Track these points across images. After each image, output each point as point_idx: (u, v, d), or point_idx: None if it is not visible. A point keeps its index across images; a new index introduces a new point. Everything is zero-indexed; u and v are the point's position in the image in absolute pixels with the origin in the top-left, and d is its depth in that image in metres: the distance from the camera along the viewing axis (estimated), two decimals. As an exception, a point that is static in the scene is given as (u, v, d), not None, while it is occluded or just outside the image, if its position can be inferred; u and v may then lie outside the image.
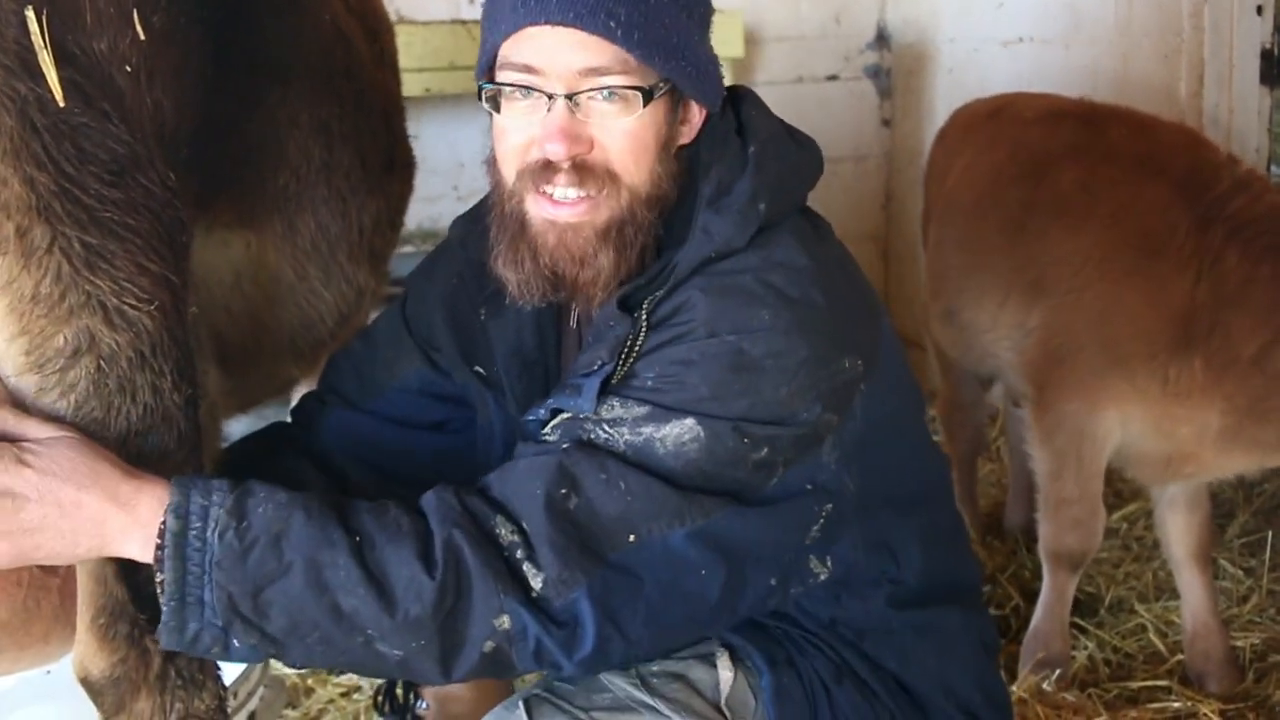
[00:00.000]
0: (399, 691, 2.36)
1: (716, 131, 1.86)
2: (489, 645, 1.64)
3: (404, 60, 3.25)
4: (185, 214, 1.68)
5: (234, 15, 1.88)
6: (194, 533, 1.58)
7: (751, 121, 1.88)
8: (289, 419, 2.27)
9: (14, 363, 1.58)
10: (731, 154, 1.84)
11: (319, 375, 2.37)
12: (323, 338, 2.35)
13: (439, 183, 4.24)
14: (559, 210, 1.77)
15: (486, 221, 1.90)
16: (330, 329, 2.34)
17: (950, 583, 2.09)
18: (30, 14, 1.51)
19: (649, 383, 1.74)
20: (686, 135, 1.84)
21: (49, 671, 2.29)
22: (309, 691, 3.14)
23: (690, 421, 1.71)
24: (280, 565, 1.59)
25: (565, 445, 1.72)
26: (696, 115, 1.85)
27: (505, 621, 1.63)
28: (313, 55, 2.16)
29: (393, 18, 4.28)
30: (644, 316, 1.78)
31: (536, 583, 1.64)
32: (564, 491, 1.67)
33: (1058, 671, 3.11)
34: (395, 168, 2.48)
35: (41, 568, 1.68)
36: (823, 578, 1.89)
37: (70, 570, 1.69)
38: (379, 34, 2.56)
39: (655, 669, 1.89)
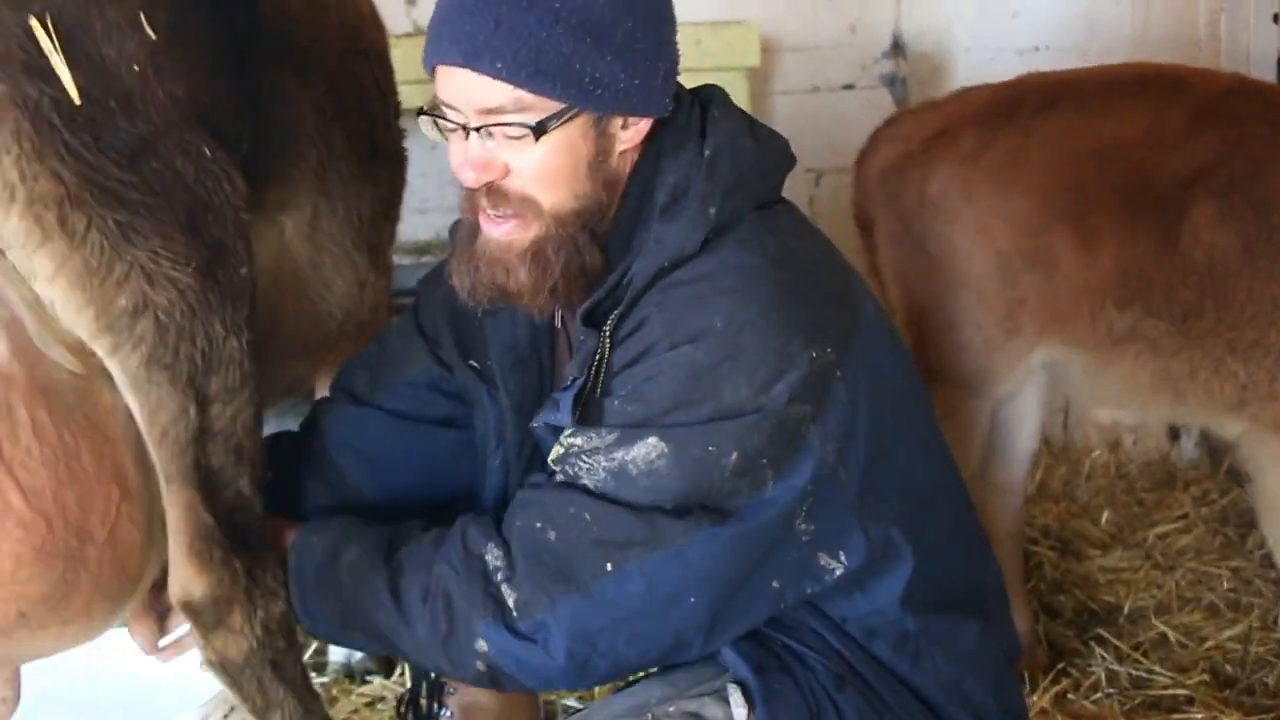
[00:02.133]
0: (422, 701, 2.37)
1: (679, 134, 1.93)
2: (480, 664, 1.85)
3: (422, 71, 3.26)
4: (211, 184, 1.84)
5: (232, 7, 1.99)
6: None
7: (714, 122, 1.94)
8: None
9: (89, 328, 1.77)
10: (688, 158, 1.91)
11: (327, 379, 2.42)
12: (330, 333, 2.44)
13: (448, 194, 4.25)
14: (490, 228, 1.90)
15: None
16: (338, 323, 2.44)
17: (970, 587, 2.09)
18: (35, 23, 1.67)
19: (616, 404, 1.84)
20: (629, 141, 1.91)
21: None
22: (333, 701, 3.14)
23: (654, 439, 1.80)
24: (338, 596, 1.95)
25: (545, 483, 1.88)
26: (639, 123, 1.90)
27: (483, 644, 1.83)
28: (299, 39, 2.26)
29: (410, 29, 4.32)
30: (607, 332, 1.86)
31: (511, 602, 1.82)
32: (539, 525, 1.84)
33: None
34: (380, 154, 2.54)
35: (77, 538, 1.76)
36: (838, 573, 1.91)
37: (107, 538, 1.80)
38: (360, 29, 2.60)
39: (671, 709, 1.94)
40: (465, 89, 1.82)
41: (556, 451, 1.88)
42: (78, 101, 1.69)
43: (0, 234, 1.69)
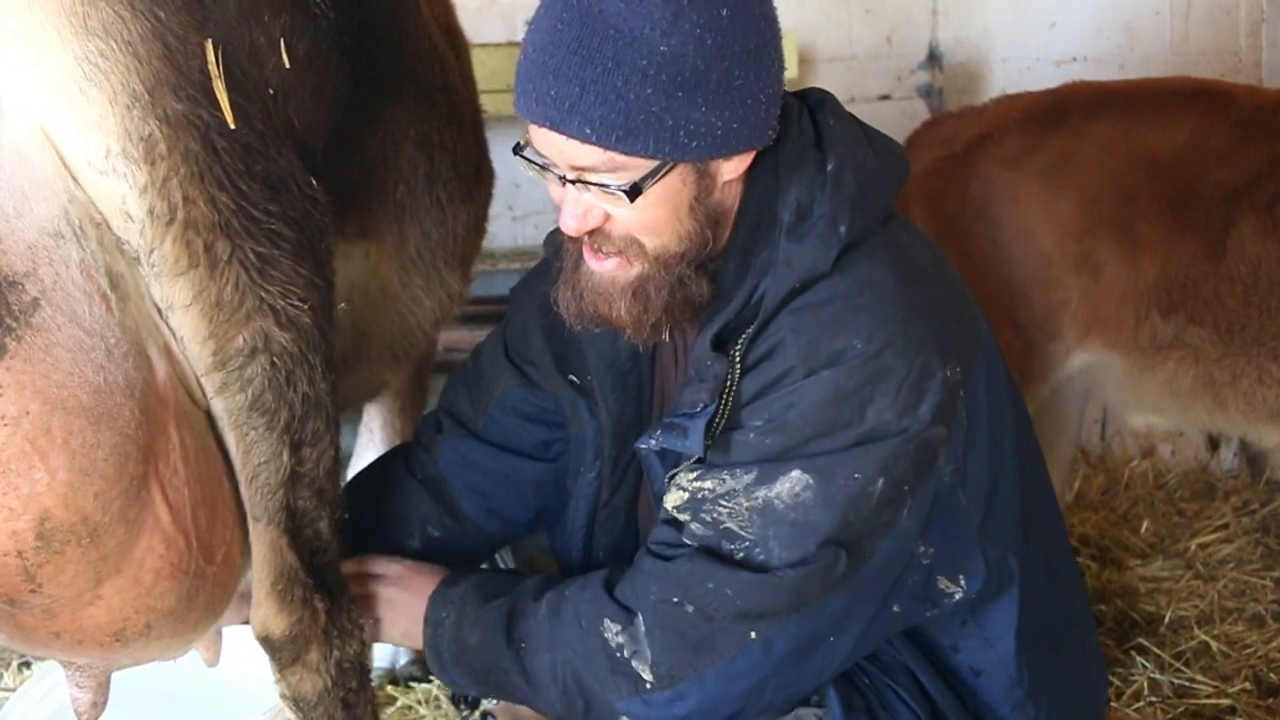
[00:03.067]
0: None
1: (794, 148, 1.85)
2: None
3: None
4: (324, 221, 1.81)
5: (361, 39, 1.98)
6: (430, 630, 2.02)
7: (829, 132, 1.87)
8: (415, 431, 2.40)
9: (204, 363, 1.74)
10: (809, 172, 1.83)
11: (403, 378, 2.43)
12: (418, 343, 2.46)
13: (494, 203, 4.27)
14: (593, 262, 1.85)
15: None
16: (426, 334, 2.43)
17: (1070, 618, 2.07)
18: (209, 44, 1.64)
19: (751, 437, 1.78)
20: (733, 172, 1.83)
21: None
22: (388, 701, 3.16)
23: (797, 472, 1.76)
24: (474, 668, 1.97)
25: (683, 550, 1.82)
26: (740, 156, 1.82)
27: (624, 719, 1.83)
28: (416, 72, 2.26)
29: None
30: (738, 356, 1.81)
31: (646, 675, 1.80)
32: (675, 599, 1.80)
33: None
34: (481, 177, 2.55)
35: (204, 557, 1.78)
36: (958, 597, 1.90)
37: (222, 560, 1.81)
38: (461, 51, 2.63)
39: None
40: (557, 147, 1.75)
41: (679, 496, 1.83)
42: (232, 125, 1.65)
43: (152, 258, 1.65)
